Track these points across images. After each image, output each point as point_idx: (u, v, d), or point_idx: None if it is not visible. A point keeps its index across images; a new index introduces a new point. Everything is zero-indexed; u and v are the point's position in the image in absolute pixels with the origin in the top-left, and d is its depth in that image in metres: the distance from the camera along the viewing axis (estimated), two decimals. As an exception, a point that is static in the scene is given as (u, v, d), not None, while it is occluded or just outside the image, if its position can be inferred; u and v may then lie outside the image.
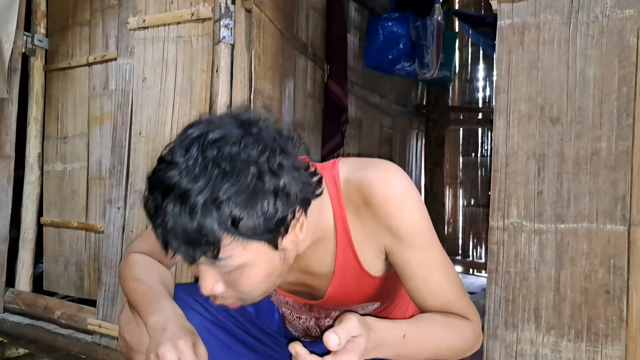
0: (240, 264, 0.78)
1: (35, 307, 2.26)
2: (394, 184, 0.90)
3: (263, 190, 0.74)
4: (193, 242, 0.73)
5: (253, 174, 0.73)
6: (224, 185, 0.72)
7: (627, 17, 1.18)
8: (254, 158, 0.74)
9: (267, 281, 0.85)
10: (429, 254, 0.93)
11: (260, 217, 0.74)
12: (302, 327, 1.19)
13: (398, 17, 3.50)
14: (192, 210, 0.71)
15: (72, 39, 2.43)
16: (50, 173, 2.48)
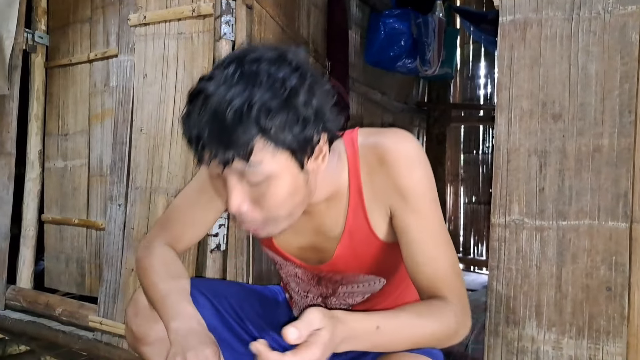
0: (268, 174, 0.81)
1: (36, 304, 2.27)
2: (409, 146, 0.94)
3: (297, 104, 0.79)
4: (229, 142, 0.77)
5: (289, 87, 0.79)
6: (262, 93, 0.77)
7: (629, 13, 1.18)
8: (291, 76, 0.80)
9: (291, 201, 0.86)
10: (430, 222, 0.94)
11: (292, 127, 0.79)
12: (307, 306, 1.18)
13: (399, 14, 3.49)
14: (230, 111, 0.76)
15: (72, 36, 2.42)
16: (51, 170, 2.48)
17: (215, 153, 0.78)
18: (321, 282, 1.13)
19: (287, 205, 0.86)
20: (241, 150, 0.77)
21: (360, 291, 1.12)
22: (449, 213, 5.07)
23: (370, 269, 1.06)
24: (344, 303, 1.14)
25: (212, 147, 0.78)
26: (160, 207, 1.85)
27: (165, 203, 1.84)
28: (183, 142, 1.80)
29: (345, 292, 1.13)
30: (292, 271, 1.15)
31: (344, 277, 1.09)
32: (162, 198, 1.85)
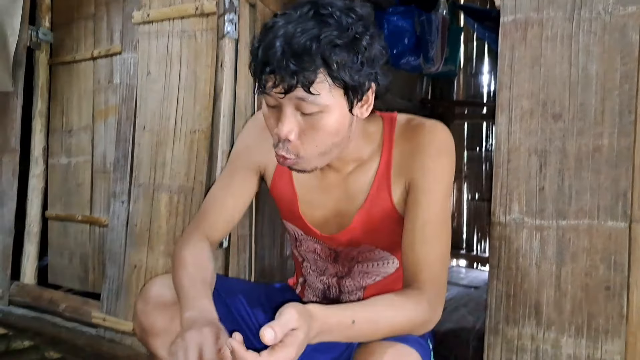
0: (322, 106, 0.88)
1: (40, 300, 2.28)
2: (445, 135, 1.03)
3: (359, 48, 0.87)
4: (295, 69, 0.84)
5: (354, 32, 0.87)
6: (330, 31, 0.85)
7: (629, 13, 1.18)
8: (356, 23, 0.88)
9: (334, 138, 0.93)
10: (438, 209, 1.00)
11: (352, 67, 0.87)
12: (322, 288, 1.22)
13: (403, 11, 3.48)
14: (300, 41, 0.84)
15: (76, 33, 2.43)
16: (55, 166, 2.50)
17: (281, 79, 0.85)
18: (338, 260, 1.16)
19: (329, 141, 0.93)
20: (306, 79, 0.85)
21: (374, 271, 1.16)
22: (452, 209, 5.07)
23: (386, 244, 1.11)
24: (357, 285, 1.18)
25: (279, 72, 0.85)
26: (162, 204, 1.86)
27: (168, 200, 1.86)
28: (186, 139, 1.83)
29: (360, 272, 1.16)
30: (311, 247, 1.18)
31: (360, 253, 1.13)
32: (164, 195, 1.86)
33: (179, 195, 1.84)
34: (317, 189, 1.11)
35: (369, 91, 0.94)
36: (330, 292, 1.22)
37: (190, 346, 0.82)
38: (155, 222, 1.87)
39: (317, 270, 1.22)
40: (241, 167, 1.19)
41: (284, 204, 1.18)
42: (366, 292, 1.18)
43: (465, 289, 3.54)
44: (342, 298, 1.21)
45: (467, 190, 5.10)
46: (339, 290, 1.21)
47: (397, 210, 1.05)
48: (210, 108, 1.81)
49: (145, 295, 1.08)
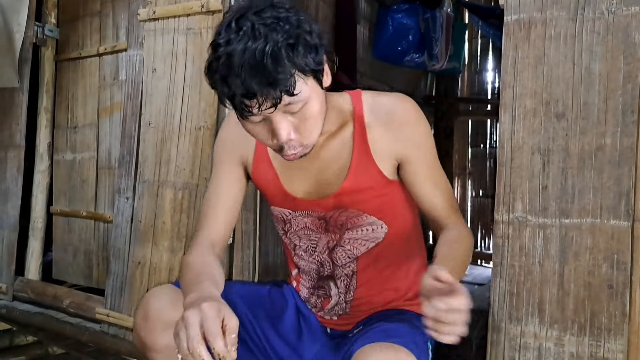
0: (305, 99, 0.95)
1: (44, 296, 2.30)
2: (414, 105, 1.12)
3: (306, 35, 0.94)
4: (274, 83, 0.89)
5: (295, 24, 0.93)
6: (280, 35, 0.90)
7: (632, 14, 1.18)
8: (289, 15, 0.94)
9: (321, 118, 1.01)
10: (436, 165, 1.14)
11: (310, 54, 0.94)
12: (315, 268, 1.24)
13: (407, 9, 3.48)
14: (266, 59, 0.88)
15: (82, 30, 2.45)
16: (60, 162, 2.51)
17: (265, 98, 0.90)
18: (329, 228, 1.19)
19: (319, 121, 1.01)
20: (287, 87, 0.90)
21: (364, 237, 1.18)
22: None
23: (373, 209, 1.15)
24: (349, 254, 1.20)
25: (262, 95, 0.90)
26: (167, 201, 1.88)
27: (172, 197, 1.87)
28: (191, 136, 1.84)
29: (350, 239, 1.18)
30: (301, 222, 1.21)
31: (349, 218, 1.15)
32: (169, 191, 1.88)
33: (183, 191, 1.85)
34: (295, 164, 1.13)
35: (326, 62, 1.03)
36: (324, 269, 1.23)
37: (191, 324, 0.80)
38: (160, 219, 1.88)
39: (309, 249, 1.23)
40: (225, 162, 1.22)
41: (268, 187, 1.21)
42: (359, 263, 1.19)
43: (469, 286, 3.55)
44: (336, 273, 1.22)
45: (471, 187, 5.10)
46: (332, 264, 1.21)
47: (385, 175, 1.12)
48: (215, 105, 1.82)
49: (146, 309, 1.06)
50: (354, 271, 1.20)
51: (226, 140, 1.23)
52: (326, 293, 1.24)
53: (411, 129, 1.10)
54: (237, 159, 1.22)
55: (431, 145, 1.13)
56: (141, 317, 1.06)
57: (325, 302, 1.24)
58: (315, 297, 1.26)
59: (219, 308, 0.83)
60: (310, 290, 1.26)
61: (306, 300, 1.28)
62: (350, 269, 1.20)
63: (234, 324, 0.83)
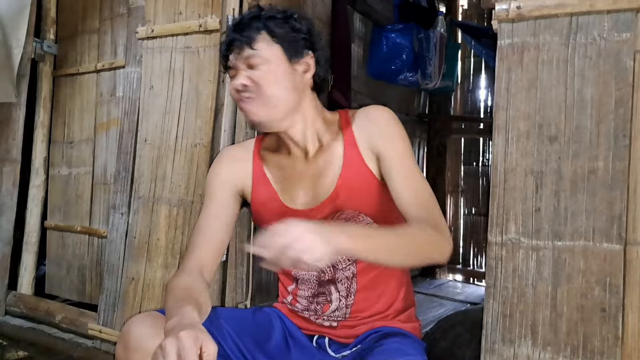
0: (264, 58, 1.15)
1: (36, 311, 2.28)
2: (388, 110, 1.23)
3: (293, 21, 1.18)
4: (243, 37, 1.15)
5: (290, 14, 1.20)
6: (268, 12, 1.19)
7: (623, 40, 1.21)
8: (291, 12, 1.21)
9: (279, 86, 1.16)
10: (411, 162, 1.18)
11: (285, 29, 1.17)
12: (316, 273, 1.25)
13: (401, 28, 3.53)
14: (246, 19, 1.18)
15: (80, 46, 2.46)
16: (56, 177, 2.51)
17: (234, 46, 1.15)
18: None
19: (275, 86, 1.15)
20: (249, 39, 1.14)
21: None
22: (448, 224, 5.08)
23: (369, 209, 1.19)
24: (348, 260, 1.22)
25: (233, 43, 1.16)
26: (162, 217, 1.88)
27: (167, 213, 1.87)
28: (187, 153, 1.85)
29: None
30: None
31: (347, 220, 1.19)
32: (164, 208, 1.88)
33: (178, 208, 1.85)
34: (291, 177, 1.24)
35: (307, 56, 1.20)
36: (324, 274, 1.24)
37: (168, 353, 0.80)
38: (154, 235, 1.88)
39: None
40: (217, 191, 1.27)
41: (269, 206, 1.24)
42: (358, 263, 1.22)
43: (462, 305, 3.54)
44: (337, 276, 1.24)
45: (464, 204, 5.12)
46: (332, 268, 1.23)
47: (375, 175, 1.19)
48: (211, 122, 1.83)
49: (126, 339, 1.05)
50: (354, 273, 1.22)
51: (220, 173, 1.29)
52: (326, 298, 1.26)
53: (384, 125, 1.20)
54: (231, 189, 1.27)
55: (403, 144, 1.19)
56: (122, 347, 1.05)
57: (326, 307, 1.26)
58: (314, 304, 1.27)
59: (196, 336, 0.83)
60: (310, 299, 1.27)
61: (304, 309, 1.28)
62: (350, 271, 1.22)
63: (211, 350, 0.83)
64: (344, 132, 1.22)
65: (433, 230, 1.07)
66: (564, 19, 1.27)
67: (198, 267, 1.17)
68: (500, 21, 1.34)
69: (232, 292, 1.81)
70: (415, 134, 4.74)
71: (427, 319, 2.95)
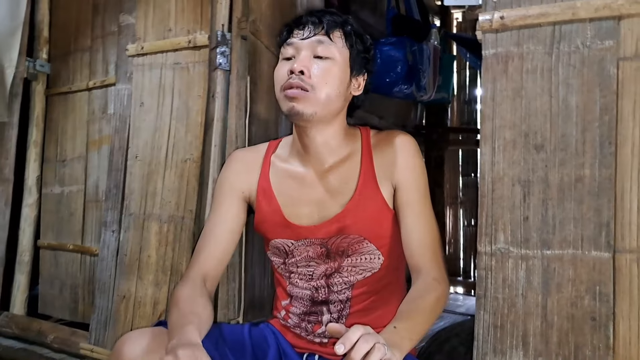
0: (333, 55, 1.15)
1: (28, 331, 2.26)
2: (413, 140, 1.24)
3: (366, 39, 1.23)
4: (323, 20, 1.16)
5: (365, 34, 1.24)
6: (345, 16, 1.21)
7: (606, 47, 1.21)
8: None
9: (333, 84, 1.14)
10: (427, 200, 1.19)
11: (358, 41, 1.20)
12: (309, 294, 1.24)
13: (395, 41, 3.54)
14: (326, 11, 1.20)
15: (73, 64, 2.47)
16: (48, 196, 2.50)
17: (308, 26, 1.15)
18: (330, 255, 1.21)
19: (333, 86, 1.14)
20: (329, 27, 1.15)
21: (362, 266, 1.20)
22: (448, 236, 5.06)
23: (373, 235, 1.18)
24: (346, 280, 1.22)
25: (308, 21, 1.15)
26: (152, 234, 1.87)
27: (158, 229, 1.86)
28: (177, 169, 1.84)
29: (349, 266, 1.20)
30: (303, 252, 1.23)
31: (350, 245, 1.18)
32: (154, 224, 1.87)
33: (169, 224, 1.84)
34: (298, 190, 1.23)
35: (362, 75, 1.22)
36: (318, 295, 1.24)
37: None
38: (145, 252, 1.87)
39: (306, 276, 1.25)
40: (225, 196, 1.27)
41: (271, 219, 1.23)
42: (354, 289, 1.21)
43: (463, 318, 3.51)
44: (330, 298, 1.23)
45: (463, 216, 5.10)
46: (327, 290, 1.22)
47: (388, 204, 1.19)
48: (202, 138, 1.83)
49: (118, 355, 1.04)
50: (349, 297, 1.21)
51: (228, 177, 1.29)
52: (317, 319, 1.25)
53: (408, 156, 1.20)
54: (238, 194, 1.27)
55: (424, 180, 1.20)
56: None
57: (316, 327, 1.25)
58: (305, 322, 1.26)
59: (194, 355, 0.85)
60: (301, 317, 1.26)
61: (295, 326, 1.27)
62: (345, 295, 1.22)
63: None
64: (363, 153, 1.22)
65: (438, 284, 1.12)
66: (547, 28, 1.27)
67: (201, 275, 1.18)
68: (484, 31, 1.34)
69: (224, 309, 1.79)
70: (412, 146, 4.74)
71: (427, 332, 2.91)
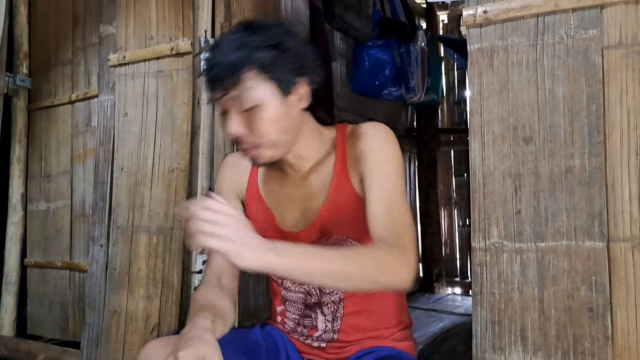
0: (256, 100, 1.02)
1: (17, 352, 2.21)
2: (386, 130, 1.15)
3: (282, 47, 1.02)
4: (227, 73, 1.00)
5: (278, 37, 1.03)
6: (254, 37, 1.01)
7: (590, 37, 1.20)
8: (279, 31, 1.05)
9: (276, 126, 1.05)
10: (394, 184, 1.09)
11: (276, 62, 1.02)
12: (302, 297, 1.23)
13: (382, 44, 3.54)
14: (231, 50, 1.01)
15: (54, 78, 2.44)
16: (34, 213, 2.46)
17: (219, 85, 1.01)
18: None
19: (273, 130, 1.05)
20: (236, 80, 1.00)
21: None
22: (444, 237, 5.04)
23: (355, 233, 1.14)
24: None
25: (217, 80, 1.01)
26: (142, 246, 1.83)
27: (147, 242, 1.83)
28: (164, 179, 1.81)
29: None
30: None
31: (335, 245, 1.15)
32: (143, 236, 1.84)
33: (158, 236, 1.81)
34: (282, 194, 1.21)
35: (300, 84, 1.07)
36: (311, 297, 1.22)
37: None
38: (135, 265, 1.84)
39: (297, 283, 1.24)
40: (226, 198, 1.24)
41: (259, 223, 1.21)
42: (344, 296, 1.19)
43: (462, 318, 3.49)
44: (323, 300, 1.21)
45: (458, 216, 5.10)
46: (319, 292, 1.21)
47: (359, 193, 1.13)
48: (188, 146, 1.80)
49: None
50: (341, 298, 1.19)
51: (223, 183, 1.30)
52: (312, 323, 1.23)
53: (372, 142, 1.12)
54: (235, 194, 1.29)
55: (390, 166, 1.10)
56: None
57: (312, 331, 1.23)
58: (301, 327, 1.24)
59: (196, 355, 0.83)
60: (296, 321, 1.25)
61: (292, 331, 1.26)
62: (337, 295, 1.19)
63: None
64: (337, 150, 1.17)
65: (392, 254, 0.98)
66: (531, 20, 1.27)
67: (216, 275, 1.18)
68: (469, 27, 1.33)
69: (219, 319, 1.76)
70: (404, 148, 4.74)
71: (426, 334, 2.90)
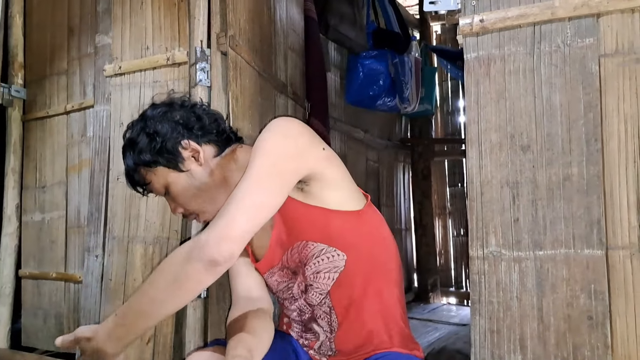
0: (161, 186, 1.18)
1: (12, 364, 2.18)
2: (278, 123, 1.13)
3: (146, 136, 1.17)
4: (130, 180, 1.23)
5: (138, 129, 1.19)
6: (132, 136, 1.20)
7: (587, 45, 1.21)
8: (137, 126, 1.20)
9: (191, 194, 1.17)
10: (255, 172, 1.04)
11: (150, 152, 1.16)
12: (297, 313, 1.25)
13: (376, 55, 3.57)
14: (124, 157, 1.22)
15: (49, 88, 2.43)
16: (29, 224, 2.44)
17: (135, 189, 1.24)
18: (295, 270, 1.20)
19: (190, 199, 1.18)
20: (138, 182, 1.20)
21: (324, 269, 1.16)
22: (438, 247, 5.05)
23: (311, 234, 1.14)
24: (319, 290, 1.19)
25: (131, 185, 1.24)
26: (137, 257, 1.82)
27: (143, 252, 1.81)
28: (160, 189, 1.79)
29: (312, 274, 1.17)
30: (274, 282, 1.26)
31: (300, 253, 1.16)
32: (139, 247, 1.82)
33: (154, 246, 1.80)
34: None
35: (184, 151, 1.16)
36: (305, 314, 1.24)
37: None
38: (131, 275, 1.82)
39: (290, 298, 1.26)
40: None
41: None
42: (332, 297, 1.18)
43: (457, 328, 3.48)
44: (315, 313, 1.22)
45: (452, 226, 5.10)
46: (309, 308, 1.22)
47: (293, 197, 1.13)
48: (184, 156, 1.79)
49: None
50: (330, 307, 1.19)
51: None
52: (314, 335, 1.24)
53: (259, 140, 1.09)
54: None
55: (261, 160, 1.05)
56: None
57: (313, 344, 1.25)
58: (303, 339, 1.27)
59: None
60: (299, 334, 1.28)
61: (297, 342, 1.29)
62: (326, 305, 1.19)
63: None
64: None
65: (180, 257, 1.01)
66: (527, 28, 1.28)
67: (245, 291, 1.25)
68: (465, 35, 1.34)
69: (216, 330, 1.74)
70: (399, 158, 4.75)
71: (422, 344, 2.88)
